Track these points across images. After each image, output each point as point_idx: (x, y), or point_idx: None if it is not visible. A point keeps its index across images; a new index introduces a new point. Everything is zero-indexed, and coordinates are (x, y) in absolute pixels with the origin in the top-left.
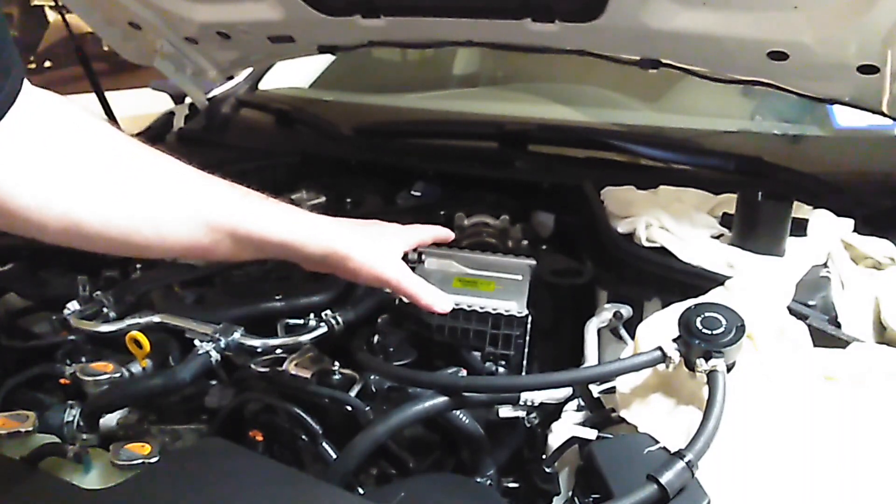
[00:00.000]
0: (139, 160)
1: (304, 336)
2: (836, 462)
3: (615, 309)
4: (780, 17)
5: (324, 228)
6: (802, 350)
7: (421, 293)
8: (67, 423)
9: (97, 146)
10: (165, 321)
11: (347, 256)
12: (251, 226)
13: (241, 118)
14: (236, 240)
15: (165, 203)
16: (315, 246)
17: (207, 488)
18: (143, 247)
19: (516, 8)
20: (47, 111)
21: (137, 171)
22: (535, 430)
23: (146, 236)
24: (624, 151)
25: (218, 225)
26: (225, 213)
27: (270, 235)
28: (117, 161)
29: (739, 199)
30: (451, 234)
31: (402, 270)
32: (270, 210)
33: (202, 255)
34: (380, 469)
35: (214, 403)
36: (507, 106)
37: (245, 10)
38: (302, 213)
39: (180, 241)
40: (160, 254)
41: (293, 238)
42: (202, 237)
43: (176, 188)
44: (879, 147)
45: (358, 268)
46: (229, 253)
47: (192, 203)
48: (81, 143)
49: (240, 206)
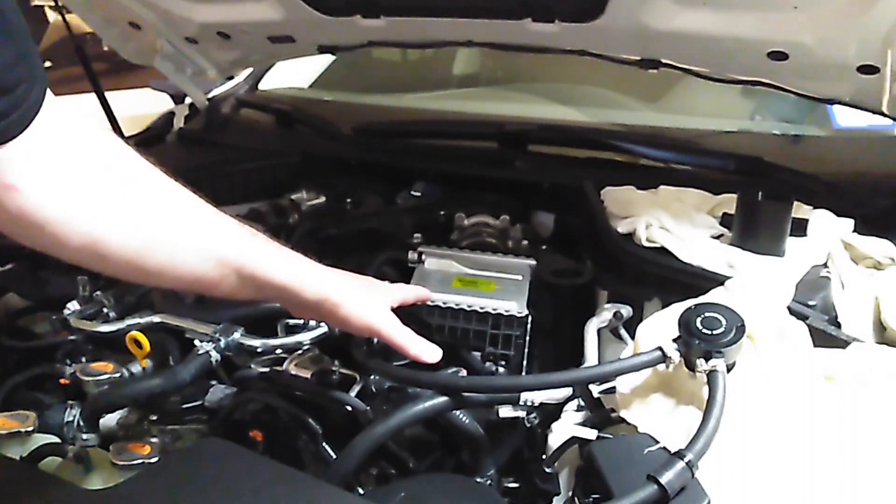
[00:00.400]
0: (158, 185)
1: (304, 336)
2: (836, 462)
3: (615, 309)
4: (780, 18)
5: (321, 276)
6: (802, 350)
7: (409, 344)
8: (67, 424)
9: (120, 166)
10: (165, 321)
11: (340, 304)
12: (257, 265)
13: (242, 118)
14: (241, 277)
15: (182, 231)
16: (311, 292)
17: (207, 488)
18: (155, 272)
19: (516, 8)
20: (70, 125)
21: (157, 195)
22: (535, 430)
23: (160, 261)
24: (624, 151)
25: (227, 261)
26: (235, 250)
27: (273, 277)
28: (139, 183)
29: (739, 200)
30: (430, 296)
31: (391, 321)
32: (275, 252)
33: (206, 290)
34: (380, 469)
35: (214, 404)
36: (507, 106)
37: (245, 11)
38: (301, 258)
39: (191, 272)
40: (169, 282)
41: (293, 282)
42: (210, 270)
43: (192, 218)
44: (879, 147)
45: (348, 316)
46: (231, 290)
47: (206, 235)
48: (105, 160)
49: (249, 245)
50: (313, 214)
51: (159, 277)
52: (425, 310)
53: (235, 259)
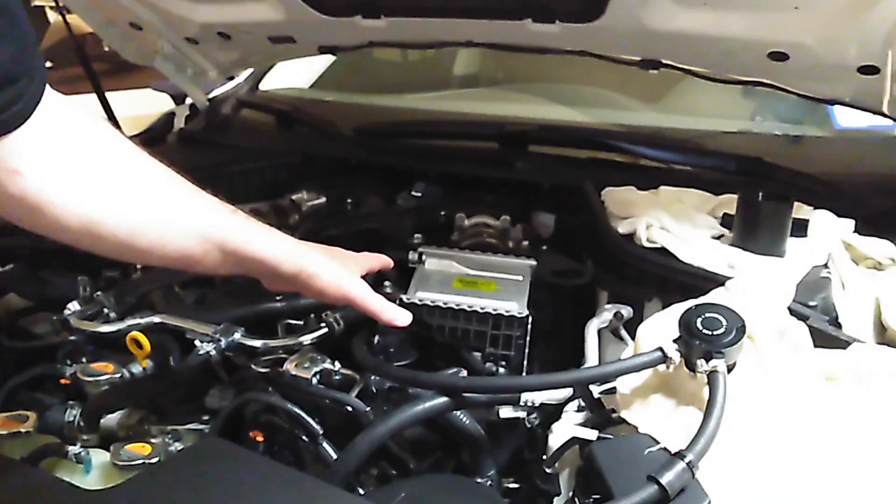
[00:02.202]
0: (147, 168)
1: (305, 336)
2: (836, 462)
3: (616, 309)
4: (780, 18)
5: (298, 249)
6: (803, 351)
7: (383, 309)
8: (68, 424)
9: (113, 152)
10: (166, 321)
11: (315, 275)
12: (238, 240)
13: (242, 118)
14: (223, 252)
15: (170, 210)
16: (289, 265)
17: (208, 489)
18: (145, 251)
19: (517, 9)
20: (67, 115)
21: (147, 178)
22: (536, 430)
23: (150, 240)
24: (624, 152)
25: (211, 237)
26: (218, 227)
27: (254, 252)
28: (129, 165)
29: (740, 200)
30: (390, 263)
31: (364, 290)
32: (255, 228)
33: (190, 265)
34: (380, 469)
35: (215, 404)
36: (507, 106)
37: (246, 11)
38: (277, 232)
39: (178, 249)
40: (157, 260)
41: (271, 255)
42: (195, 247)
43: (179, 198)
44: (880, 148)
45: (324, 286)
46: (213, 265)
47: (192, 214)
48: (99, 146)
49: (230, 221)
50: (314, 215)
51: (149, 255)
52: (425, 310)
53: (218, 235)
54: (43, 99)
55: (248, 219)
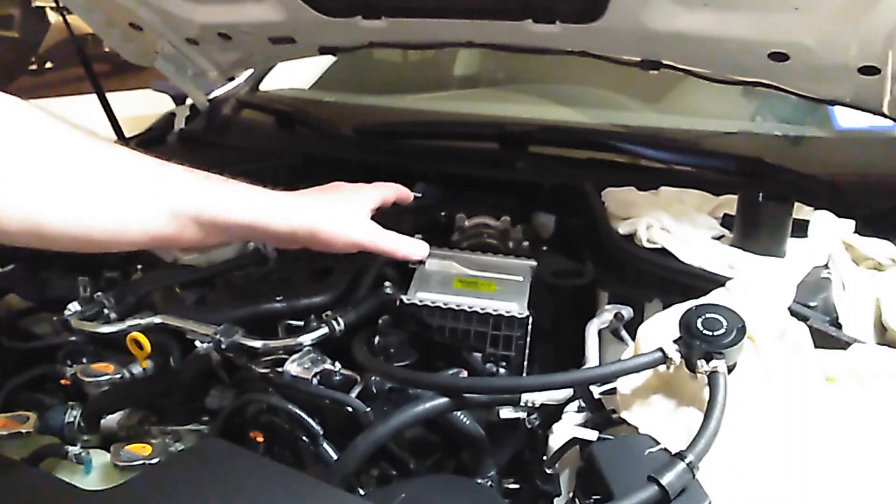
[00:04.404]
0: (94, 155)
1: (305, 337)
2: (837, 463)
3: (616, 310)
4: (780, 19)
5: (288, 205)
6: (803, 351)
7: (398, 248)
8: (68, 424)
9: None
10: (166, 322)
11: (316, 230)
12: (214, 209)
13: (242, 119)
14: (201, 225)
15: (124, 195)
16: (281, 223)
17: (208, 489)
18: (106, 241)
19: (517, 9)
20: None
21: (93, 166)
22: (536, 431)
23: (109, 229)
24: (625, 152)
25: (180, 211)
26: (186, 199)
27: (235, 217)
28: (72, 158)
29: (740, 201)
30: (410, 195)
31: (373, 231)
32: (233, 192)
33: (167, 245)
34: (380, 470)
35: (215, 404)
36: (507, 107)
37: (246, 12)
38: (265, 191)
39: (144, 232)
40: (127, 246)
41: (258, 218)
42: (165, 226)
43: (133, 179)
44: (880, 148)
45: (329, 238)
46: (196, 240)
47: (152, 192)
48: (37, 142)
49: (201, 190)
50: None
51: (112, 244)
52: (426, 310)
53: (189, 208)
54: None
55: (226, 182)
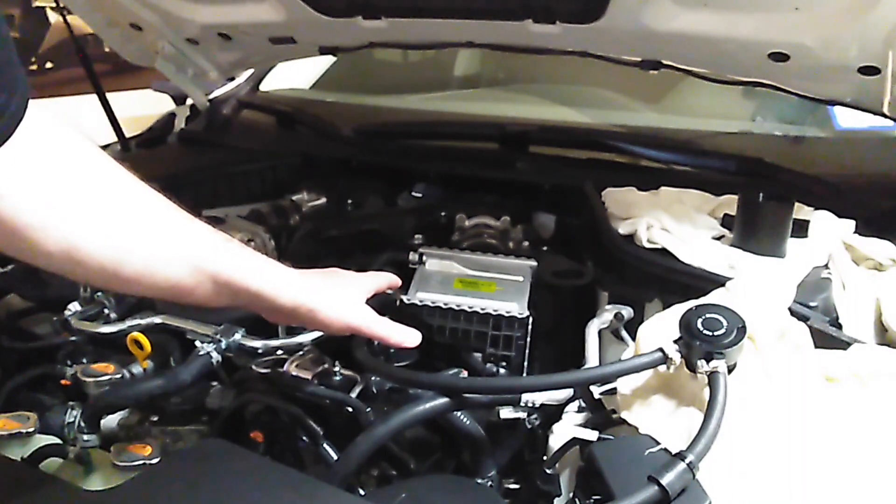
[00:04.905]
0: (135, 193)
1: (305, 337)
2: (837, 463)
3: (616, 310)
4: (780, 19)
5: (296, 282)
6: (803, 351)
7: (390, 334)
8: (68, 424)
9: (97, 174)
10: (166, 322)
11: (315, 309)
12: (232, 273)
13: (242, 119)
14: (216, 284)
15: (158, 238)
16: (287, 299)
17: (208, 489)
18: (131, 280)
19: (517, 9)
20: (50, 133)
21: (134, 202)
22: (536, 431)
23: (136, 269)
24: (625, 153)
25: (203, 268)
26: (210, 257)
27: (248, 285)
28: (115, 190)
29: (740, 201)
30: (399, 283)
31: (368, 316)
32: (249, 259)
33: (181, 297)
34: (381, 470)
35: (215, 404)
36: (508, 107)
37: (246, 12)
38: (274, 264)
39: (166, 279)
40: (146, 290)
41: (267, 289)
42: (186, 277)
43: (168, 226)
44: (880, 148)
45: (327, 319)
46: (206, 297)
47: (182, 243)
48: (82, 168)
49: (224, 252)
50: (314, 215)
51: (136, 285)
52: (426, 310)
53: (211, 266)
54: (25, 117)
55: (244, 249)
